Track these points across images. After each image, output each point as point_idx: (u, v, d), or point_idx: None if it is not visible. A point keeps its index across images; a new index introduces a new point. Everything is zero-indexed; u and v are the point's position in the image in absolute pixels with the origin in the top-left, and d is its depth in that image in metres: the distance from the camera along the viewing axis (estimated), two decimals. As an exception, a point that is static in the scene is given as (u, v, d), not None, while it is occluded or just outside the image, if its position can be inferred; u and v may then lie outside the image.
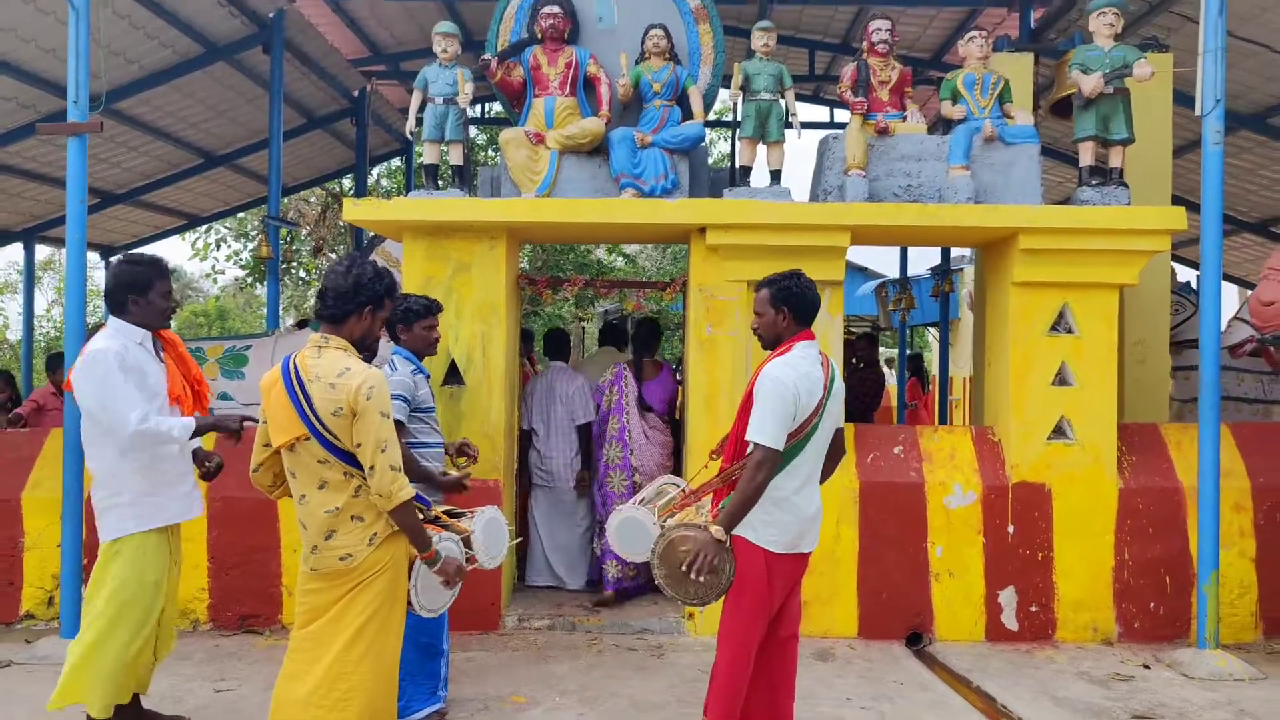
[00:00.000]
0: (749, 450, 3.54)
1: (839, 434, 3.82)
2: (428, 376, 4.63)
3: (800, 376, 3.55)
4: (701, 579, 3.47)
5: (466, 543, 3.76)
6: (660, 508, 3.90)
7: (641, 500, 4.05)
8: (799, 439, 3.57)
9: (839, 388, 3.77)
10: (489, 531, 3.88)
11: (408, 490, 3.30)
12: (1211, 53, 5.30)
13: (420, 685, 4.39)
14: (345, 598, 3.36)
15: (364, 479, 3.30)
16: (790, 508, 3.60)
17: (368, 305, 3.44)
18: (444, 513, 3.92)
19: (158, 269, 4.08)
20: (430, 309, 4.61)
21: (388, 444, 3.25)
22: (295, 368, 3.30)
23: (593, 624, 5.93)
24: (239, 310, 26.53)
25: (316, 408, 3.25)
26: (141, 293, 4.03)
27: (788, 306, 3.69)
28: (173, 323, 4.38)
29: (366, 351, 3.61)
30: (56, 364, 7.10)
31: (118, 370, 3.87)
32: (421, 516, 3.54)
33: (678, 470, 6.43)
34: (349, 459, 3.29)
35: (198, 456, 4.35)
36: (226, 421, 4.17)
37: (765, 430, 3.48)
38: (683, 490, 4.08)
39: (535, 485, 6.65)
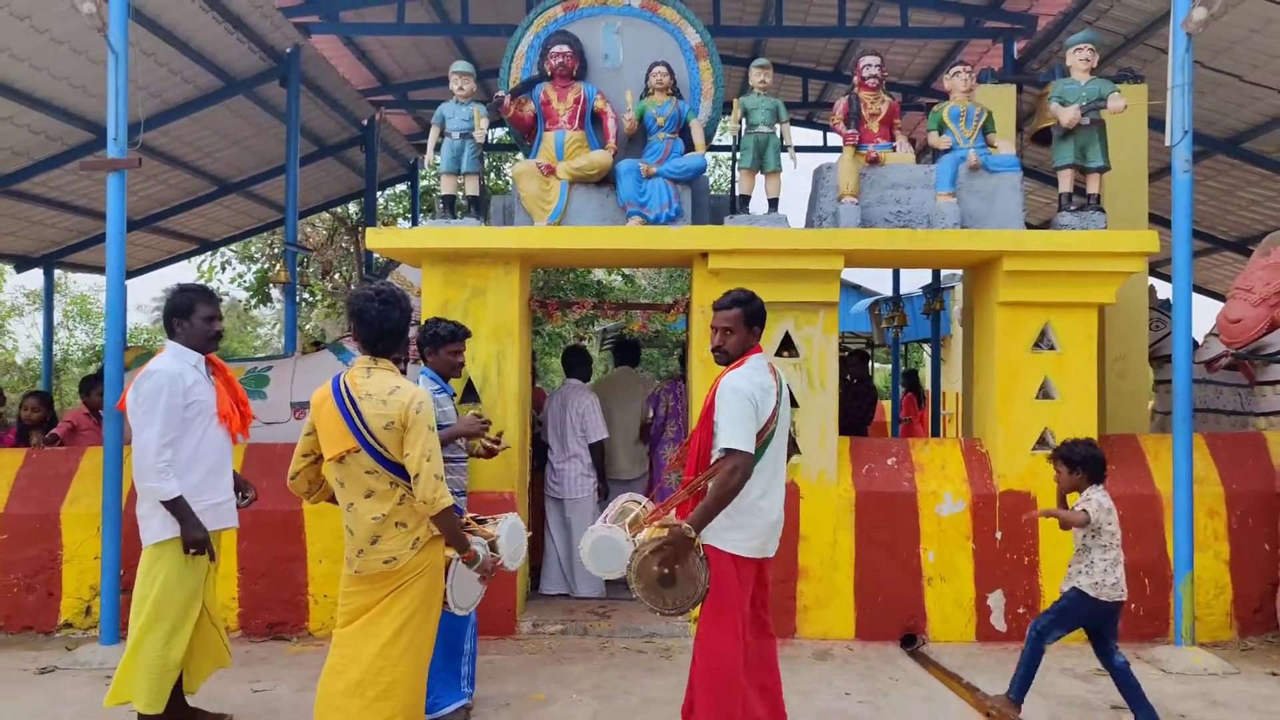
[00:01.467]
0: (718, 458, 3.73)
1: (791, 438, 4.12)
2: (452, 395, 4.94)
3: (755, 386, 3.81)
4: (666, 570, 3.59)
5: (492, 546, 4.11)
6: (629, 525, 3.92)
7: (606, 519, 4.05)
8: (759, 445, 3.79)
9: (787, 394, 4.07)
10: (511, 536, 4.25)
11: (449, 498, 3.62)
12: (1179, 87, 5.64)
13: (446, 682, 4.67)
14: (388, 598, 3.67)
15: (408, 488, 3.62)
16: (756, 512, 3.84)
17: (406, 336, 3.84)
18: (471, 519, 4.28)
19: (201, 295, 4.41)
20: (456, 335, 4.89)
21: (432, 454, 3.58)
22: (345, 386, 3.63)
23: (604, 628, 6.23)
24: (238, 331, 26.79)
25: (368, 422, 3.57)
26: (185, 316, 4.37)
27: (758, 325, 4.02)
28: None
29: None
30: (91, 386, 7.35)
31: (164, 397, 4.17)
32: None
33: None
34: (395, 469, 3.62)
35: (238, 485, 4.67)
36: None
37: (735, 436, 3.69)
38: (644, 506, 4.11)
39: (548, 497, 6.98)
